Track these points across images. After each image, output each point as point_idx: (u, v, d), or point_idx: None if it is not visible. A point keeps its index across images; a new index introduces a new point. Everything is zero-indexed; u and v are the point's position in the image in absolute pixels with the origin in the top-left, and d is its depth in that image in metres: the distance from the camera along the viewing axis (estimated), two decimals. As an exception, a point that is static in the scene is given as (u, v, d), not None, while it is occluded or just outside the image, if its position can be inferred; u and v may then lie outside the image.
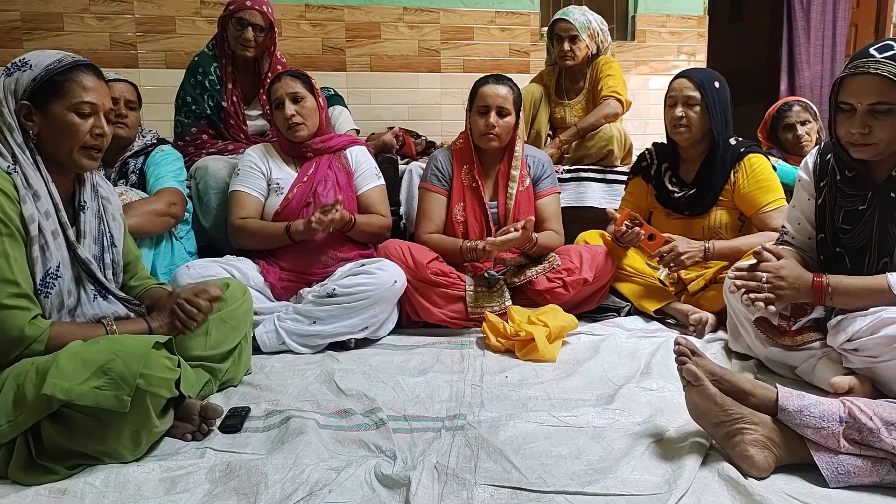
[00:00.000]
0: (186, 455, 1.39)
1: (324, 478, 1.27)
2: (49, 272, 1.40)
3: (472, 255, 2.29)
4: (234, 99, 2.67)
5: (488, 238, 2.23)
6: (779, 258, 1.63)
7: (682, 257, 2.18)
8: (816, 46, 4.94)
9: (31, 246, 1.36)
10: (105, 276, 1.53)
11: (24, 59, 1.41)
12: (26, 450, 1.27)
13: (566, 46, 3.01)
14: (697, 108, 2.24)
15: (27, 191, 1.36)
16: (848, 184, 1.62)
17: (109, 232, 1.57)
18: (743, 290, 1.62)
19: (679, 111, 2.25)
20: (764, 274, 1.60)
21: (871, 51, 1.49)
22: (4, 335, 1.32)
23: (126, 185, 2.21)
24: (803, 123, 2.92)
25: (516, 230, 2.18)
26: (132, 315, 1.56)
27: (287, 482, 1.25)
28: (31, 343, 1.33)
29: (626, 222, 2.23)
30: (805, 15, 4.89)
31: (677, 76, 2.32)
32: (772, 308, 1.61)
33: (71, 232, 1.45)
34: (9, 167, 1.36)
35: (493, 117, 2.33)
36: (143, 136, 2.33)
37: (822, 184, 1.70)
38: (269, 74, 2.72)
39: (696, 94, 2.24)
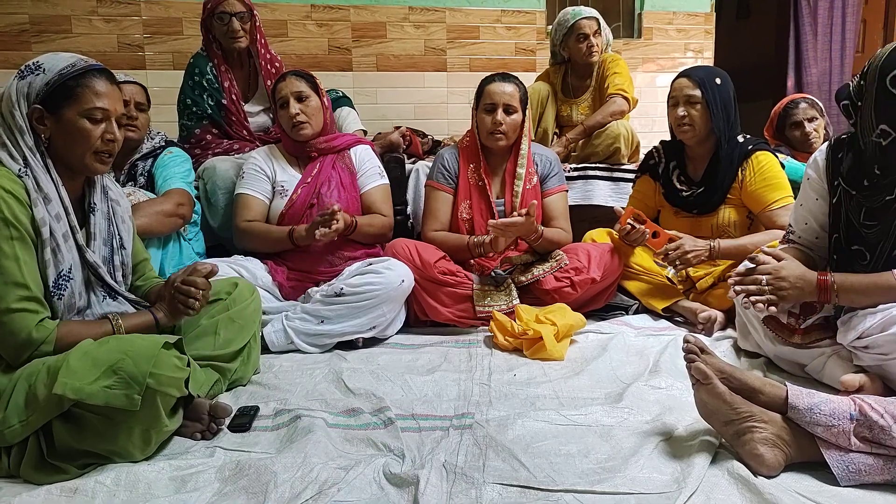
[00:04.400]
0: (196, 454, 1.40)
1: (333, 477, 1.27)
2: (61, 274, 1.40)
3: (479, 249, 2.29)
4: (234, 97, 2.68)
5: (490, 220, 2.20)
6: (779, 260, 1.62)
7: (688, 256, 2.18)
8: (824, 43, 4.90)
9: (42, 249, 1.37)
10: (114, 279, 1.54)
11: (37, 62, 1.41)
12: (38, 449, 1.28)
13: (593, 41, 3.01)
14: (699, 107, 2.23)
15: (38, 194, 1.37)
16: (875, 181, 1.56)
17: (119, 234, 1.57)
18: (743, 294, 1.61)
19: (681, 111, 2.25)
20: (764, 277, 1.59)
21: None
22: (13, 338, 1.33)
23: (135, 187, 2.21)
24: (811, 120, 2.90)
25: (520, 216, 2.17)
26: None
27: (296, 481, 1.25)
28: (40, 345, 1.34)
29: (629, 220, 2.23)
30: (812, 11, 4.86)
31: (678, 76, 2.32)
32: (773, 309, 1.60)
33: (80, 235, 1.46)
34: (20, 170, 1.36)
35: (500, 115, 2.33)
36: (152, 139, 2.34)
37: (835, 183, 1.67)
38: (263, 64, 2.72)
39: (697, 92, 2.23)
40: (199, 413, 1.48)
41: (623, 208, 2.31)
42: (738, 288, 1.63)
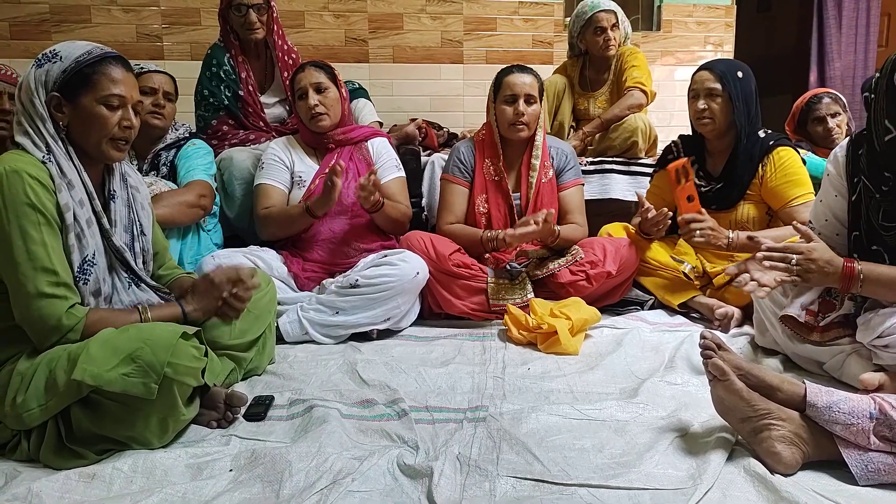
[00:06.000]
0: (212, 442, 1.41)
1: (347, 466, 1.28)
2: (86, 259, 1.42)
3: (492, 244, 2.28)
4: (251, 88, 2.69)
5: (507, 230, 2.21)
6: (809, 241, 1.60)
7: (710, 232, 2.12)
8: (849, 36, 4.80)
9: (67, 234, 1.38)
10: (136, 265, 1.55)
11: (54, 50, 1.42)
12: (57, 434, 1.30)
13: (610, 34, 2.98)
14: (720, 100, 2.20)
15: (62, 180, 1.38)
16: (891, 184, 1.53)
17: (139, 221, 1.58)
18: (752, 282, 1.57)
19: (701, 104, 2.22)
20: (795, 256, 1.56)
21: None
22: (42, 323, 1.34)
23: (157, 176, 2.23)
24: (833, 116, 2.86)
25: (536, 224, 2.16)
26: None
27: (311, 470, 1.26)
28: (68, 332, 1.35)
29: (677, 169, 2.14)
30: (836, 4, 4.77)
31: (699, 68, 2.28)
32: (780, 297, 1.57)
33: (105, 220, 1.47)
34: (43, 157, 1.37)
35: (521, 105, 2.32)
36: (177, 130, 2.35)
37: (855, 179, 1.64)
38: (280, 56, 2.73)
39: (718, 85, 2.20)
40: (216, 402, 1.50)
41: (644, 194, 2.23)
42: (767, 263, 1.56)
